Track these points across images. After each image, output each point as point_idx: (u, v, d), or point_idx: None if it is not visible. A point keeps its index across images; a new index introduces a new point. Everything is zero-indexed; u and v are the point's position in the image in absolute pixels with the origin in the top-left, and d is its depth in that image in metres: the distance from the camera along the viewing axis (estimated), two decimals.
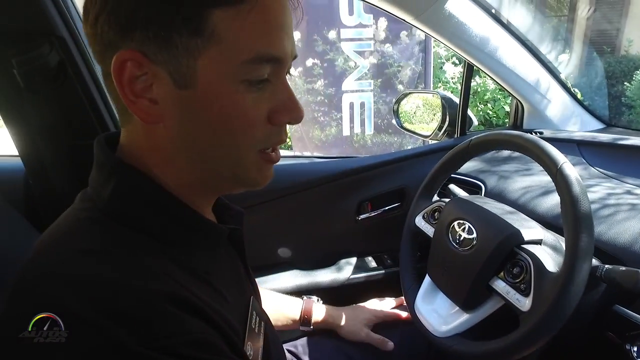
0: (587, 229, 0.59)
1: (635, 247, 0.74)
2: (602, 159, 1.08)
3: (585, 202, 0.61)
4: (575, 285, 0.58)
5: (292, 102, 0.48)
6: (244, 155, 0.48)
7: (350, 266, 1.24)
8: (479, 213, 0.78)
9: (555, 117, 1.30)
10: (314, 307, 0.95)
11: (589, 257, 0.59)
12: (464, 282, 0.74)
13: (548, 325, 0.60)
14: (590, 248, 0.59)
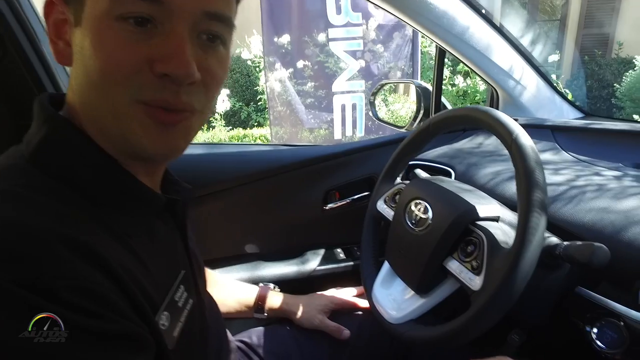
0: (540, 200, 0.55)
1: (599, 225, 0.70)
2: (575, 143, 1.04)
3: (539, 172, 0.57)
4: (527, 258, 0.53)
5: (177, 54, 0.43)
6: (118, 102, 0.43)
7: (318, 257, 1.19)
8: (435, 192, 0.74)
9: (532, 104, 1.26)
10: (269, 295, 0.91)
11: (541, 228, 0.54)
12: (418, 265, 0.70)
13: (498, 303, 0.55)
14: (543, 219, 0.55)
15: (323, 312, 0.90)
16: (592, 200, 0.75)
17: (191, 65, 0.44)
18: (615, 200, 0.73)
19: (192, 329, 0.54)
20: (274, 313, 0.91)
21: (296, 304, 0.91)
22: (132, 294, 0.41)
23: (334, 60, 4.18)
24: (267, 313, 0.91)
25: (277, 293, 0.94)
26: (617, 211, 0.70)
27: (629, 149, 0.97)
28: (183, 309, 0.52)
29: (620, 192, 0.76)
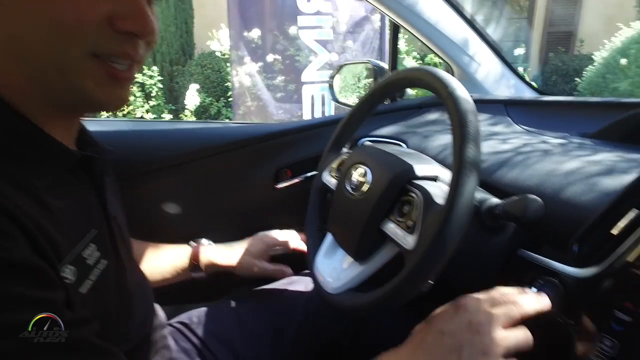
0: (473, 153, 0.52)
1: (541, 187, 0.69)
2: (527, 116, 1.03)
3: (473, 122, 0.54)
4: (459, 211, 0.50)
5: (139, 11, 0.47)
6: (71, 54, 0.44)
7: None
8: (376, 155, 0.71)
9: (487, 82, 1.25)
10: (201, 251, 0.89)
11: (473, 181, 0.51)
12: (356, 230, 0.66)
13: (431, 261, 0.52)
14: (475, 172, 0.52)
15: (261, 258, 0.89)
16: (536, 164, 0.74)
17: (154, 22, 0.48)
18: (557, 165, 0.72)
19: (108, 291, 0.52)
20: (211, 268, 0.89)
21: (232, 255, 0.89)
22: (36, 238, 0.40)
23: (304, 54, 4.13)
24: (205, 269, 0.88)
25: (211, 247, 0.91)
26: (558, 174, 0.69)
27: (576, 120, 0.96)
28: (93, 268, 0.50)
29: (562, 157, 0.75)
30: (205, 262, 0.88)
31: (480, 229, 0.66)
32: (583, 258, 0.58)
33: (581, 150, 0.76)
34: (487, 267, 0.68)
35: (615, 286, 0.51)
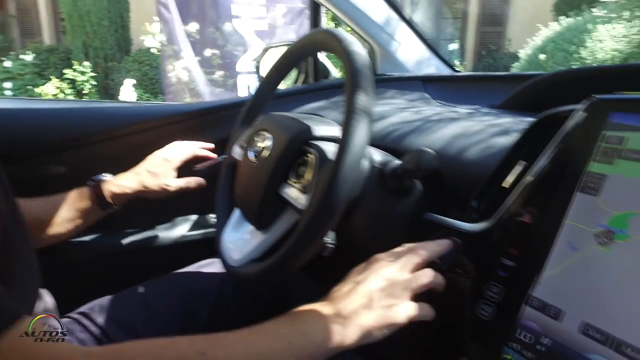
0: (364, 102, 0.50)
1: (446, 149, 0.69)
2: (444, 92, 1.06)
3: (365, 73, 0.52)
4: (348, 161, 0.48)
5: None
6: None
7: (188, 223, 1.09)
8: (277, 119, 0.69)
9: (409, 62, 1.26)
10: (103, 185, 0.84)
11: (363, 130, 0.50)
12: (256, 197, 0.63)
13: (321, 216, 0.50)
14: (366, 121, 0.50)
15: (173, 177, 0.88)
16: (442, 130, 0.75)
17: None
18: (461, 130, 0.73)
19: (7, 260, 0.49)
20: (120, 199, 0.85)
21: (141, 178, 0.86)
22: None
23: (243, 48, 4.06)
24: (114, 201, 0.84)
25: (111, 178, 0.87)
26: (460, 137, 0.70)
27: (487, 94, 0.99)
28: None
29: (466, 123, 0.76)
30: (112, 192, 0.83)
31: (387, 193, 0.66)
32: (480, 213, 0.58)
33: (484, 116, 0.78)
34: (397, 231, 0.67)
35: (502, 235, 0.51)
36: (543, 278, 0.46)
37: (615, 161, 0.44)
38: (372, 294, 0.50)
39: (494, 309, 0.49)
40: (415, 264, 0.52)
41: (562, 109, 0.53)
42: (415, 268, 0.52)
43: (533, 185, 0.50)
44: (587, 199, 0.45)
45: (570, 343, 0.42)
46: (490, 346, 0.49)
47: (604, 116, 0.46)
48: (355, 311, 0.48)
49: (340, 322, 0.48)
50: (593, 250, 0.43)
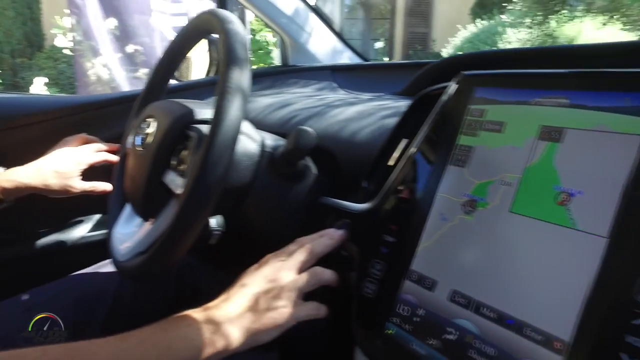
0: (238, 77, 0.48)
1: (340, 133, 0.69)
2: (350, 81, 1.07)
3: (241, 51, 0.50)
4: (222, 136, 0.46)
5: None
6: None
7: (89, 223, 1.01)
8: (162, 105, 0.65)
9: (320, 53, 1.26)
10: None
11: (237, 104, 0.48)
12: (141, 186, 0.59)
13: (196, 198, 0.47)
14: (240, 95, 0.48)
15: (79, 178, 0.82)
16: (340, 115, 0.75)
17: None
18: (356, 114, 0.73)
19: None
20: (12, 194, 0.78)
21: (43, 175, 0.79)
22: None
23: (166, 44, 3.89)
24: (5, 196, 0.76)
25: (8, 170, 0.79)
26: (354, 121, 0.71)
27: (392, 81, 1.01)
28: None
29: (363, 108, 0.76)
30: (2, 187, 0.76)
31: (279, 178, 0.64)
32: (370, 194, 0.59)
33: (381, 101, 0.79)
34: (293, 217, 0.66)
35: (384, 212, 0.52)
36: (419, 251, 0.47)
37: (479, 133, 0.46)
38: (258, 296, 0.49)
39: (377, 286, 0.49)
40: (305, 263, 0.52)
41: (435, 87, 0.55)
42: (305, 267, 0.52)
43: (411, 161, 0.51)
44: (456, 170, 0.46)
45: (440, 311, 0.43)
46: (374, 323, 0.49)
47: (470, 91, 0.48)
48: (240, 314, 0.47)
49: (225, 326, 0.47)
50: (460, 219, 0.44)
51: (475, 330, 0.40)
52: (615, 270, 0.34)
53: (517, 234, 0.40)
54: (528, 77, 0.44)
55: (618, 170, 0.36)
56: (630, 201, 0.34)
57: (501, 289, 0.40)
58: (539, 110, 0.42)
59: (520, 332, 0.38)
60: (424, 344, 0.43)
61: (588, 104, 0.39)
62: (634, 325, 0.32)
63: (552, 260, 0.37)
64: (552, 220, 0.38)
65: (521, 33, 4.02)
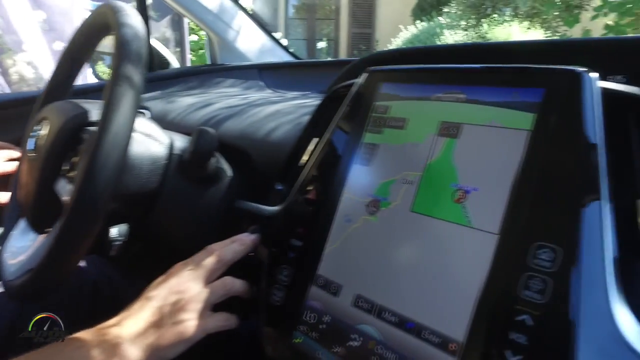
0: (130, 71, 0.44)
1: (255, 133, 0.66)
2: (277, 80, 1.04)
3: (135, 43, 0.46)
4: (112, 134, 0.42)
5: None
6: None
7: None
8: (58, 106, 0.59)
9: (250, 51, 1.23)
10: None
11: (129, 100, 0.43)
12: (32, 194, 0.53)
13: (80, 210, 0.42)
14: (132, 91, 0.44)
15: None
16: (259, 114, 0.72)
17: None
18: (276, 113, 0.71)
19: None
20: None
21: None
22: None
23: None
24: None
25: None
26: (271, 120, 0.68)
27: (322, 80, 1.00)
28: None
29: (285, 108, 0.74)
30: None
31: (191, 182, 0.60)
32: (283, 195, 0.56)
33: (303, 99, 0.77)
34: (207, 222, 0.63)
35: (293, 215, 0.49)
36: (325, 255, 0.45)
37: (383, 130, 0.44)
38: (162, 310, 0.46)
39: (285, 293, 0.47)
40: (213, 271, 0.49)
41: (344, 83, 0.53)
42: (214, 275, 0.49)
43: (318, 161, 0.49)
44: (361, 169, 0.45)
45: (345, 317, 0.41)
46: (283, 332, 0.46)
47: (375, 87, 0.47)
48: (142, 330, 0.44)
49: (124, 346, 0.43)
50: (363, 221, 0.43)
51: (378, 336, 0.39)
52: (503, 267, 0.33)
53: (417, 235, 0.39)
54: (429, 72, 0.44)
55: (508, 165, 0.36)
56: (517, 197, 0.34)
57: (402, 292, 0.38)
58: (438, 106, 0.42)
59: (419, 336, 0.36)
60: (329, 352, 0.41)
61: (483, 99, 0.39)
62: (517, 321, 0.31)
63: (449, 260, 0.37)
64: (449, 218, 0.38)
65: (457, 35, 4.19)
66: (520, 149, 0.35)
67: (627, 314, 0.30)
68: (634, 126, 0.36)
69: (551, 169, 0.33)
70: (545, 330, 0.31)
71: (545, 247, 0.32)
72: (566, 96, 0.34)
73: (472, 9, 4.26)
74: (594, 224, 0.31)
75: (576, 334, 0.30)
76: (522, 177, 0.34)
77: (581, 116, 0.33)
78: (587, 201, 0.32)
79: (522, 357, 0.31)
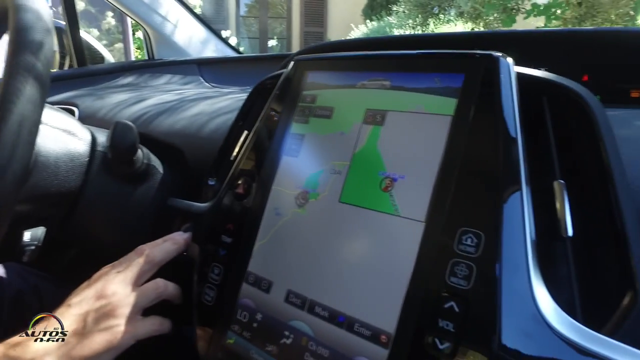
0: (27, 62, 0.40)
1: (189, 129, 0.63)
2: (217, 75, 1.01)
3: (35, 29, 0.42)
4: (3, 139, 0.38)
5: None
6: None
7: None
8: None
9: (189, 46, 1.19)
10: None
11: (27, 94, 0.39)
12: None
13: None
14: (30, 84, 0.40)
15: None
16: (192, 110, 0.69)
17: None
18: (209, 108, 0.68)
19: None
20: None
21: None
22: None
23: None
24: None
25: None
26: (206, 116, 0.65)
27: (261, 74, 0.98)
28: None
29: (219, 103, 0.72)
30: None
31: (118, 181, 0.57)
32: (215, 191, 0.54)
33: (238, 94, 0.75)
34: (138, 222, 0.59)
35: (223, 211, 0.47)
36: (255, 251, 0.43)
37: (310, 119, 0.43)
38: (86, 316, 0.42)
39: (216, 292, 0.45)
40: (143, 273, 0.46)
41: (272, 74, 0.51)
42: (144, 277, 0.46)
43: (247, 154, 0.47)
44: (290, 161, 0.43)
45: (277, 314, 0.40)
46: (215, 333, 0.44)
47: (303, 77, 0.45)
48: (64, 340, 0.40)
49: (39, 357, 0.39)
50: (293, 214, 0.41)
51: (310, 332, 0.37)
52: (430, 255, 0.33)
53: (346, 225, 0.38)
54: (354, 59, 0.43)
55: (433, 152, 0.35)
56: (442, 183, 0.34)
57: (332, 285, 0.37)
58: (364, 93, 0.41)
59: (351, 329, 0.35)
60: (262, 351, 0.40)
61: (406, 85, 0.38)
62: (445, 309, 0.31)
63: (378, 250, 0.36)
64: (377, 208, 0.37)
65: (406, 34, 4.28)
66: (444, 135, 0.35)
67: (545, 294, 0.30)
68: (549, 111, 0.36)
69: (472, 154, 0.33)
70: (471, 315, 0.31)
71: (469, 233, 0.32)
72: (484, 81, 0.34)
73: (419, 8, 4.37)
74: (515, 209, 0.31)
75: (499, 316, 0.30)
76: (446, 163, 0.34)
77: (499, 100, 0.33)
78: (506, 186, 0.32)
79: (450, 344, 0.31)
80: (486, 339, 0.30)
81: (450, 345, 0.31)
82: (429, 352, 0.31)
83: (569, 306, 0.32)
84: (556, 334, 0.29)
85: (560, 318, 0.29)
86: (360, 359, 0.34)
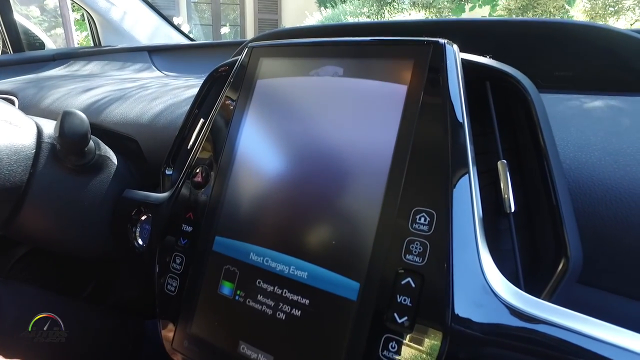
0: None
1: (141, 118, 0.61)
2: (170, 63, 0.98)
3: None
4: None
5: None
6: None
7: None
8: None
9: (139, 33, 1.14)
10: None
11: None
12: None
13: None
14: None
15: None
16: (144, 98, 0.67)
17: None
18: (162, 96, 0.67)
19: None
20: None
21: None
22: None
23: None
24: None
25: None
26: (160, 105, 0.64)
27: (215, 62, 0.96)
28: None
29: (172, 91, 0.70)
30: None
31: (69, 174, 0.55)
32: (174, 181, 0.53)
33: (193, 81, 0.74)
34: (93, 216, 0.57)
35: (182, 200, 0.47)
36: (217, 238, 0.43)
37: (265, 107, 0.43)
38: None
39: (178, 281, 0.45)
40: None
41: (226, 61, 0.51)
42: None
43: (204, 142, 0.47)
44: (247, 148, 0.44)
45: None
46: (180, 322, 0.44)
47: (258, 63, 0.45)
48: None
49: None
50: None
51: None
52: (387, 233, 0.34)
53: (305, 209, 0.39)
54: (307, 46, 0.43)
55: (387, 136, 0.37)
56: (395, 165, 0.35)
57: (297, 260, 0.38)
58: (317, 81, 0.41)
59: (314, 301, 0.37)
60: None
61: (359, 72, 0.39)
62: (403, 285, 0.33)
63: (338, 229, 0.37)
64: None
65: (360, 21, 4.31)
66: (398, 119, 0.36)
67: (492, 267, 0.33)
68: (491, 95, 0.38)
69: (422, 138, 0.35)
70: (425, 290, 0.33)
71: (422, 213, 0.34)
72: (431, 67, 0.35)
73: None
74: (463, 189, 0.33)
75: (452, 290, 0.32)
76: (398, 147, 0.36)
77: (446, 85, 0.35)
78: (455, 168, 0.34)
79: (407, 318, 0.33)
80: (441, 310, 0.32)
81: (408, 319, 0.33)
82: (388, 326, 0.33)
83: (514, 276, 0.35)
84: (503, 303, 0.31)
85: (506, 288, 0.32)
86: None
